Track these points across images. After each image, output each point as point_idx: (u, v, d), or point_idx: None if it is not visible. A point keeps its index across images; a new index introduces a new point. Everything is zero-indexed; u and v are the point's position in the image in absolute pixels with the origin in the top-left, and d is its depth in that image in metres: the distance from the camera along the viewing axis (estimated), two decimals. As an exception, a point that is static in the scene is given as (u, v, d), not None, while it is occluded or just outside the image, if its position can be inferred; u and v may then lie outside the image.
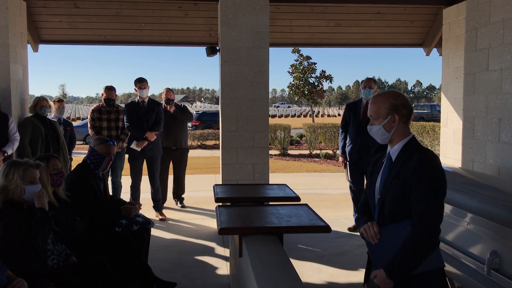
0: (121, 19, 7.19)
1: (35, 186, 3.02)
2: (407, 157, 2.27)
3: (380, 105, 2.35)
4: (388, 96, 2.36)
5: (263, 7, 5.84)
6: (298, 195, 4.08)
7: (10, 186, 2.95)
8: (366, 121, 5.75)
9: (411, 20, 7.72)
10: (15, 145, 5.51)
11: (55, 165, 3.53)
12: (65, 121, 6.86)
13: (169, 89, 7.55)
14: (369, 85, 5.88)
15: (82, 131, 20.55)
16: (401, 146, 2.33)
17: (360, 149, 5.81)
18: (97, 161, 4.04)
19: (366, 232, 2.40)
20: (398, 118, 2.33)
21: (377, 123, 2.37)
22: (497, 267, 2.73)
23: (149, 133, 6.56)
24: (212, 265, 4.87)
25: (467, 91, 4.98)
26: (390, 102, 2.34)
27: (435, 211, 2.18)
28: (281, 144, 16.89)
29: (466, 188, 3.35)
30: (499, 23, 4.47)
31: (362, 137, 5.76)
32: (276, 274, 2.40)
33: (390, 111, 2.33)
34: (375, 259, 2.40)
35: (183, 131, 7.44)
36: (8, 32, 5.82)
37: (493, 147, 4.56)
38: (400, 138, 2.35)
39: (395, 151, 2.35)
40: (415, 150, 2.29)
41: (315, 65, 36.12)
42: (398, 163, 2.30)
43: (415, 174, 2.20)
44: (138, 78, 6.72)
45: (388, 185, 2.32)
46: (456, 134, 6.82)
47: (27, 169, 3.00)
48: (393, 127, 2.34)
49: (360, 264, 4.71)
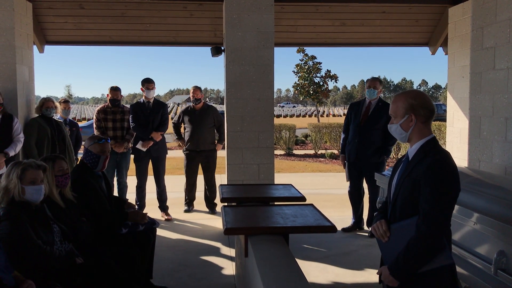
0: (127, 19, 7.20)
1: (37, 187, 3.02)
2: (422, 157, 2.28)
3: (399, 104, 2.37)
4: (407, 95, 2.37)
5: (268, 7, 5.84)
6: (303, 195, 4.08)
7: (10, 185, 2.97)
8: (365, 121, 5.74)
9: (416, 19, 7.69)
10: (18, 146, 5.50)
11: (60, 166, 3.54)
12: (71, 122, 6.89)
13: (196, 87, 7.13)
14: (374, 85, 5.81)
15: (88, 132, 20.57)
16: (419, 146, 2.33)
17: (357, 150, 5.77)
18: (93, 161, 4.01)
19: (376, 231, 2.43)
20: (415, 118, 2.33)
21: (395, 122, 2.39)
22: (504, 267, 2.71)
23: (154, 133, 6.55)
24: (217, 265, 4.88)
25: (473, 90, 4.96)
26: (408, 101, 2.34)
27: (441, 213, 2.17)
28: (286, 144, 16.87)
29: (473, 187, 3.33)
30: (505, 21, 4.44)
31: (360, 137, 5.73)
32: (281, 274, 2.40)
33: (408, 111, 2.33)
34: (384, 256, 2.43)
35: (209, 133, 7.02)
36: (14, 34, 5.85)
37: (500, 147, 4.53)
38: (418, 138, 2.35)
39: (413, 150, 2.36)
40: (430, 151, 2.28)
41: (320, 64, 36.09)
42: (413, 163, 2.32)
43: (425, 175, 2.21)
44: (146, 78, 6.72)
45: (401, 184, 2.34)
46: (462, 133, 6.79)
47: (26, 169, 3.01)
48: (410, 126, 2.34)
49: (366, 264, 4.70)
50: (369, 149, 5.71)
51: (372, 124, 5.72)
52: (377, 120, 5.70)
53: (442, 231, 2.20)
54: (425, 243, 2.18)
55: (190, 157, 7.03)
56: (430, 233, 2.16)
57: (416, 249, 2.19)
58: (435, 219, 2.16)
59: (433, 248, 2.20)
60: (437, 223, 2.17)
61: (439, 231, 2.18)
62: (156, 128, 6.60)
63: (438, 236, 2.18)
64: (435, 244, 2.19)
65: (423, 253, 2.20)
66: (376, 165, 5.69)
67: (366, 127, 5.74)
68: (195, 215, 6.97)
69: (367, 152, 5.72)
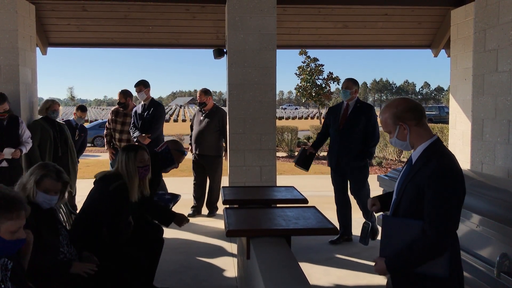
0: (129, 22, 7.23)
1: (48, 197, 3.01)
2: (425, 162, 2.25)
3: (386, 119, 2.36)
4: (389, 107, 2.36)
5: (270, 9, 5.85)
6: (305, 197, 4.08)
7: (27, 185, 2.98)
8: (344, 124, 5.44)
9: (418, 22, 7.69)
10: (28, 147, 5.56)
11: (142, 157, 3.58)
12: (81, 127, 6.92)
13: (201, 91, 6.95)
14: (346, 86, 5.47)
15: (90, 134, 20.65)
16: (422, 150, 2.30)
17: (338, 155, 5.48)
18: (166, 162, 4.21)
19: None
20: (405, 125, 2.31)
21: (392, 136, 2.38)
22: (507, 270, 2.71)
23: (140, 136, 6.23)
24: (219, 267, 4.87)
25: (475, 92, 4.95)
26: (391, 112, 2.33)
27: (448, 218, 2.15)
28: (288, 146, 16.87)
29: (475, 190, 3.33)
30: (508, 24, 4.44)
31: (340, 142, 5.46)
32: (283, 277, 2.40)
33: (396, 121, 2.32)
34: (381, 246, 2.42)
35: (212, 137, 6.78)
36: (17, 36, 5.87)
37: (502, 149, 4.52)
38: (420, 142, 2.32)
39: (417, 153, 2.33)
40: (434, 154, 2.24)
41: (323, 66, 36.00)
42: (416, 167, 2.29)
43: (429, 180, 2.18)
44: (137, 81, 6.62)
45: (404, 188, 2.32)
46: (464, 135, 6.78)
47: (45, 177, 2.99)
48: (406, 134, 2.32)
49: (368, 266, 4.68)
50: (350, 153, 5.39)
51: (350, 127, 5.40)
52: (356, 122, 5.39)
53: (450, 236, 2.18)
54: (431, 249, 2.17)
55: (195, 160, 6.98)
56: (437, 239, 2.15)
57: (421, 253, 2.18)
58: (442, 225, 2.14)
59: (438, 252, 2.18)
60: (444, 229, 2.15)
61: (446, 237, 2.16)
62: (141, 129, 6.33)
63: (444, 242, 2.16)
64: (440, 248, 2.17)
65: (426, 258, 2.19)
66: (359, 169, 5.44)
67: (345, 130, 5.42)
68: (197, 217, 6.96)
69: (348, 157, 5.40)
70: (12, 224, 2.13)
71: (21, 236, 2.20)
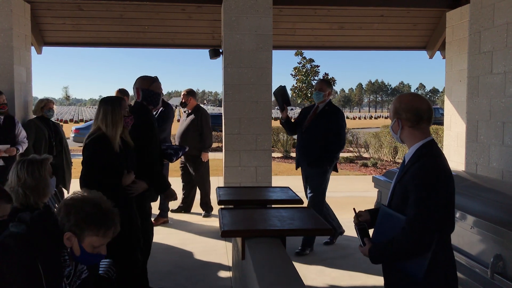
0: (125, 21, 7.21)
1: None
2: (413, 162, 2.25)
3: (392, 106, 2.40)
4: (398, 98, 2.39)
5: (266, 10, 5.85)
6: (301, 198, 4.08)
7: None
8: (306, 127, 5.29)
9: (414, 23, 7.71)
10: (24, 147, 5.56)
11: (125, 107, 3.63)
12: None
13: (185, 91, 7.05)
14: (320, 87, 5.32)
15: (85, 133, 20.55)
16: (414, 150, 2.30)
17: (299, 157, 5.39)
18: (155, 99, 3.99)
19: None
20: (400, 122, 2.33)
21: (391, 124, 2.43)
22: (501, 271, 2.71)
23: None
24: (214, 267, 4.87)
25: (470, 94, 4.97)
26: (395, 105, 2.37)
27: (424, 216, 2.13)
28: (283, 146, 16.88)
29: (470, 191, 3.34)
30: (503, 26, 4.46)
31: (300, 146, 5.38)
32: (278, 277, 2.40)
33: (394, 115, 2.36)
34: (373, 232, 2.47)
35: (192, 137, 6.78)
36: (12, 35, 5.85)
37: (497, 151, 4.55)
38: (412, 142, 2.32)
39: (409, 154, 2.34)
40: (423, 155, 2.24)
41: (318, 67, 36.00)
42: (406, 167, 2.30)
43: (412, 179, 2.20)
44: None
45: (393, 189, 2.35)
46: (459, 137, 6.80)
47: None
48: (398, 129, 2.35)
49: (363, 267, 4.70)
50: (309, 157, 5.20)
51: (313, 130, 5.22)
52: (320, 126, 5.19)
53: (429, 236, 2.14)
54: (409, 246, 2.17)
55: (182, 160, 7.04)
56: (414, 237, 2.14)
57: (399, 249, 2.21)
58: (420, 224, 2.13)
59: (416, 251, 2.18)
60: (422, 227, 2.13)
61: (424, 236, 2.13)
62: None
63: (422, 241, 2.14)
64: (418, 249, 2.16)
65: (404, 254, 2.22)
66: (317, 175, 5.21)
67: (307, 133, 5.26)
68: (192, 217, 6.96)
69: (306, 161, 5.24)
70: (96, 240, 2.08)
71: (102, 252, 2.13)
